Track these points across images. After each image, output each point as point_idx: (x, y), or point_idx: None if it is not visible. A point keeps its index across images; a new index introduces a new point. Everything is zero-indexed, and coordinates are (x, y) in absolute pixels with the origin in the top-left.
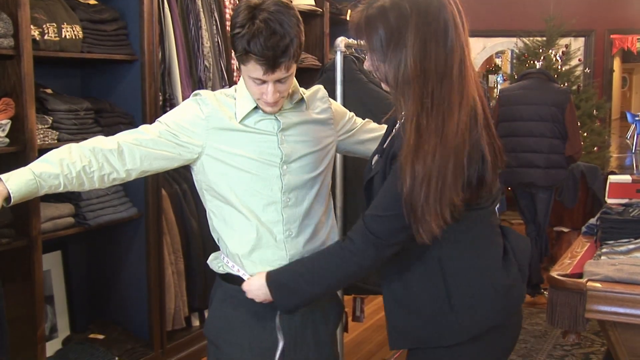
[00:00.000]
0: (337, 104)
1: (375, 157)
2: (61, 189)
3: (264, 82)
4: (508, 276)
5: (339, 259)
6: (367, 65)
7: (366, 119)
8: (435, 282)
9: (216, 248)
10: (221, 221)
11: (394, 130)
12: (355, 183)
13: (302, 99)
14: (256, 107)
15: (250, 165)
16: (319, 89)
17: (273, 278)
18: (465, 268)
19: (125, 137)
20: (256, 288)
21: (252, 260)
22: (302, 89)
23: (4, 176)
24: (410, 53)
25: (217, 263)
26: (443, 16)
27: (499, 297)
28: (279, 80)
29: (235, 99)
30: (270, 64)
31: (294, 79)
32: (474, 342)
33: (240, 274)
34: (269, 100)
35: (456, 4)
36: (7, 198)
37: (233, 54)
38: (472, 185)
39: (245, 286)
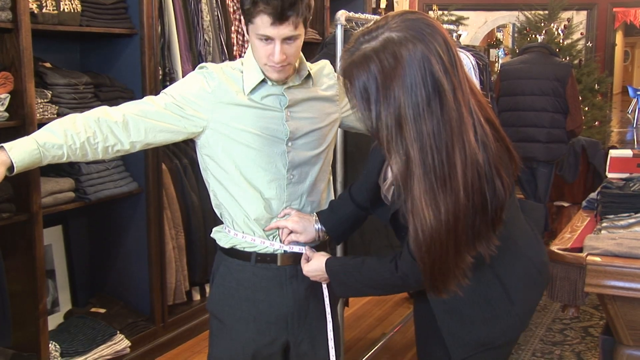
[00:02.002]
0: None
1: (387, 185)
2: (64, 160)
3: (271, 40)
4: (543, 252)
5: (392, 284)
6: (353, 111)
7: None
8: (491, 284)
9: (217, 222)
10: (225, 195)
11: None
12: (357, 157)
13: (309, 75)
14: (264, 80)
15: (255, 141)
16: (325, 65)
17: (332, 269)
18: (512, 260)
19: (130, 108)
20: (314, 270)
21: (258, 231)
22: (309, 64)
23: (7, 145)
24: (396, 104)
25: (222, 236)
26: (429, 64)
27: (541, 277)
28: (286, 40)
29: (242, 72)
30: (278, 15)
31: (301, 52)
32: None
33: (258, 242)
34: (275, 60)
35: (446, 41)
36: (10, 167)
37: (233, 27)
38: (496, 218)
39: (305, 267)
